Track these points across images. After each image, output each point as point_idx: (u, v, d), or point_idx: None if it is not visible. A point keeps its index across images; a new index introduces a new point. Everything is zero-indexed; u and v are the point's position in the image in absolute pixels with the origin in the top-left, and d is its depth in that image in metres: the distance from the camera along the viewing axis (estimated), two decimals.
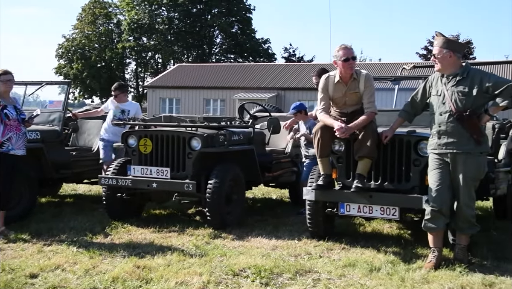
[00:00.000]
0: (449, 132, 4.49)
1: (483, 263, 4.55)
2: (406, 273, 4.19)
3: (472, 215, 4.53)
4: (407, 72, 7.68)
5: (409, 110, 4.92)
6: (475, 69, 4.61)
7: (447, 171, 4.52)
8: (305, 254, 4.85)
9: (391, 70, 31.47)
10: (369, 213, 4.96)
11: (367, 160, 4.88)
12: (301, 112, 6.86)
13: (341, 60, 4.96)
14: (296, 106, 6.90)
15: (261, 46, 57.11)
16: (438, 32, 4.60)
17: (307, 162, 6.74)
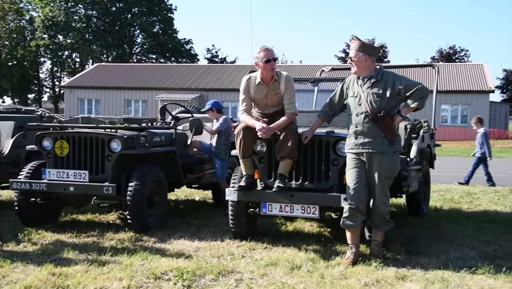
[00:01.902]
0: (365, 132, 4.66)
1: (397, 258, 4.76)
2: (325, 270, 4.31)
3: (387, 212, 4.73)
4: (326, 74, 7.91)
5: (328, 111, 5.06)
6: (389, 72, 4.81)
7: (363, 169, 4.69)
8: (228, 255, 4.85)
9: (311, 72, 32.28)
10: (290, 212, 5.04)
11: (288, 160, 4.97)
12: (213, 110, 7.03)
13: (262, 61, 5.02)
14: (209, 104, 7.07)
15: (184, 46, 56.64)
16: (354, 36, 4.76)
17: (217, 161, 6.88)
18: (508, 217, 6.82)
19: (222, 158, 6.96)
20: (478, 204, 8.04)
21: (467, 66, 37.66)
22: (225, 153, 6.97)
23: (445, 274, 4.21)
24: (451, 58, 52.83)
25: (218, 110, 7.08)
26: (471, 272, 4.26)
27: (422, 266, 4.47)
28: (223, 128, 6.94)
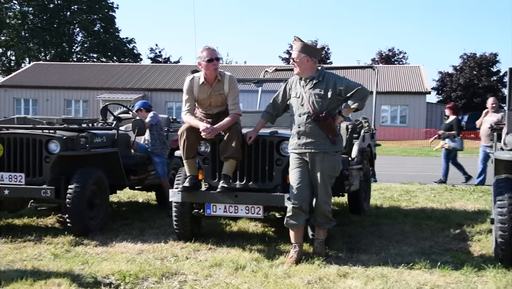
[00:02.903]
0: (307, 133, 4.73)
1: (339, 255, 4.86)
2: (269, 269, 4.33)
3: (329, 210, 4.82)
4: (270, 75, 7.96)
5: (271, 112, 5.10)
6: (330, 73, 4.90)
7: (306, 169, 4.75)
8: (172, 257, 4.80)
9: (255, 73, 32.42)
10: (234, 213, 5.05)
11: (232, 160, 4.97)
12: (141, 110, 7.16)
13: (205, 61, 5.00)
14: (138, 104, 7.27)
15: (126, 46, 55.53)
16: (296, 37, 4.82)
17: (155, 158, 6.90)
18: (444, 213, 7.11)
19: (159, 153, 6.97)
20: (415, 202, 8.33)
21: (405, 68, 39.00)
22: (161, 148, 7.01)
23: (384, 270, 4.33)
24: (390, 60, 54.49)
25: (146, 110, 7.19)
26: (409, 267, 4.41)
27: (363, 263, 4.59)
28: (154, 123, 6.98)
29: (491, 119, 10.54)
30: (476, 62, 50.50)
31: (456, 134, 10.90)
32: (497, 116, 10.49)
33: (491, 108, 10.73)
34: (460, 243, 5.42)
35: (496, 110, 10.68)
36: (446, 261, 4.62)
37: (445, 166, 11.13)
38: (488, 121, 10.59)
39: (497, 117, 10.46)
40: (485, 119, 10.74)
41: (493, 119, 10.51)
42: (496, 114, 10.55)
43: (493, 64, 50.79)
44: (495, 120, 10.43)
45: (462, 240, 5.56)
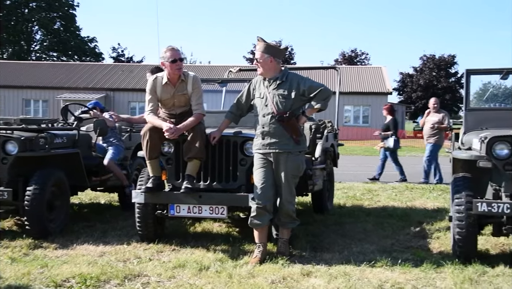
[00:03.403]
0: (271, 133, 4.75)
1: (303, 254, 4.90)
2: (233, 270, 4.33)
3: (293, 210, 4.85)
4: (234, 75, 7.95)
5: (235, 112, 5.10)
6: (293, 73, 4.93)
7: (270, 169, 4.77)
8: (135, 258, 4.74)
9: (220, 73, 32.37)
10: (198, 213, 5.02)
11: (196, 160, 4.94)
12: (96, 109, 7.16)
13: (168, 61, 4.96)
14: (91, 103, 7.27)
15: (87, 44, 54.53)
16: (259, 37, 4.83)
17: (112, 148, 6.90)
18: (404, 212, 7.25)
19: (115, 144, 6.95)
20: (377, 200, 8.47)
21: (368, 69, 39.65)
22: (118, 139, 7.05)
23: (347, 268, 4.39)
24: (352, 61, 55.34)
25: (101, 110, 7.22)
26: (371, 265, 4.48)
27: (326, 261, 4.63)
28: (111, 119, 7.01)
29: (433, 119, 10.88)
30: (435, 63, 51.84)
31: (392, 134, 11.19)
32: (438, 116, 10.84)
33: (432, 108, 11.05)
34: (420, 240, 5.55)
35: (438, 110, 11.00)
36: (406, 258, 4.72)
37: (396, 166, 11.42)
38: (430, 121, 10.92)
39: (438, 118, 10.81)
40: (427, 119, 11.07)
41: (434, 119, 10.86)
42: (438, 114, 10.89)
43: (452, 65, 52.28)
44: (436, 121, 10.81)
45: (422, 237, 5.68)
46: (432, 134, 10.88)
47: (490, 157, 4.32)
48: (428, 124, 10.96)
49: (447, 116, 10.99)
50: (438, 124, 10.76)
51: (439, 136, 10.88)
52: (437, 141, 10.87)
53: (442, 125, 10.78)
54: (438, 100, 11.33)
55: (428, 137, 10.94)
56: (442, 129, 10.84)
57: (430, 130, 10.91)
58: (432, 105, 11.09)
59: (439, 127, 10.78)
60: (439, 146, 10.97)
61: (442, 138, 11.00)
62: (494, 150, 4.32)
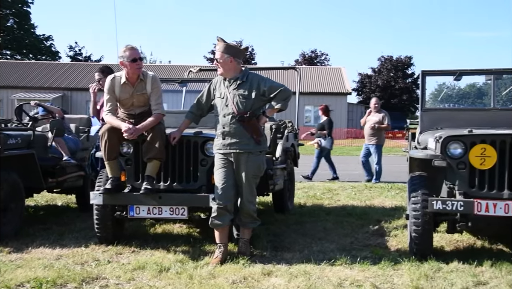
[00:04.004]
0: (232, 133, 4.74)
1: (263, 254, 4.91)
2: (194, 271, 4.31)
3: (254, 210, 4.86)
4: (194, 74, 7.91)
5: (195, 112, 5.07)
6: (254, 73, 4.94)
7: (231, 169, 4.77)
8: (93, 261, 4.65)
9: (180, 72, 32.13)
10: (158, 214, 4.97)
11: (156, 161, 4.89)
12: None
13: (128, 60, 4.88)
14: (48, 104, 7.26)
15: (43, 43, 53.09)
16: (219, 37, 4.82)
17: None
18: (363, 211, 7.37)
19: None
20: (337, 200, 8.58)
21: (327, 69, 40.19)
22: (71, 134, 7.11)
23: (307, 267, 4.43)
24: (313, 62, 55.88)
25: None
26: (331, 264, 4.54)
27: (287, 261, 4.66)
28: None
29: (374, 119, 11.16)
30: (392, 64, 52.95)
31: (327, 134, 11.42)
32: (378, 116, 11.12)
33: (373, 108, 11.32)
34: (379, 238, 5.65)
35: (379, 110, 11.28)
36: (365, 256, 4.80)
37: (315, 163, 11.63)
38: (371, 121, 11.19)
39: (378, 118, 11.09)
40: (368, 118, 11.33)
41: (375, 119, 11.14)
42: (378, 114, 11.17)
43: (408, 66, 53.50)
44: (376, 120, 11.08)
45: (380, 235, 5.79)
46: (372, 134, 11.15)
47: (445, 156, 4.44)
48: (368, 124, 11.22)
49: (387, 116, 11.29)
50: (378, 124, 11.03)
51: (379, 136, 11.15)
52: (378, 141, 11.16)
53: (382, 125, 11.06)
54: (378, 100, 11.64)
55: (369, 136, 11.20)
56: (382, 129, 11.13)
57: (370, 130, 11.17)
58: (373, 105, 11.37)
59: (379, 127, 11.06)
60: (381, 145, 11.26)
61: (383, 137, 11.33)
62: (448, 149, 4.45)
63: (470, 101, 28.61)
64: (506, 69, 6.10)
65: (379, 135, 11.15)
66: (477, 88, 29.76)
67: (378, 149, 11.13)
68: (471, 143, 4.38)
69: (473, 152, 4.36)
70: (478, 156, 4.35)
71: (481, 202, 4.23)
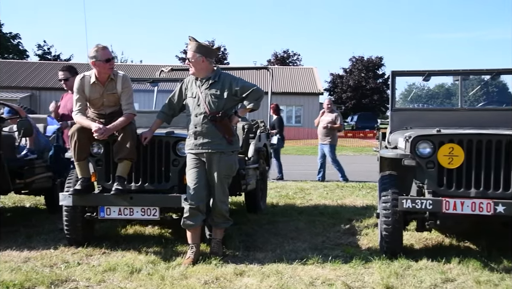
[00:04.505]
0: (204, 133, 4.73)
1: (236, 254, 4.91)
2: (166, 271, 4.28)
3: (226, 210, 4.86)
4: (166, 74, 7.85)
5: (167, 112, 5.04)
6: (226, 73, 4.94)
7: (203, 169, 4.75)
8: (62, 263, 4.57)
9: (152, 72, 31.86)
10: (130, 215, 4.92)
11: (127, 161, 4.84)
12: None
13: (102, 60, 4.82)
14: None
15: (10, 41, 51.90)
16: (191, 37, 4.80)
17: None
18: (335, 210, 7.43)
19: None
20: (309, 199, 8.64)
21: (299, 70, 40.37)
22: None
23: (279, 266, 4.44)
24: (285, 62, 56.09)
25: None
26: (303, 263, 4.57)
27: (259, 260, 4.67)
28: None
29: (327, 119, 11.32)
30: (363, 65, 53.57)
31: (276, 132, 11.54)
32: (331, 116, 11.28)
33: (326, 108, 11.49)
34: (350, 237, 5.71)
35: (331, 110, 11.44)
36: (337, 255, 4.84)
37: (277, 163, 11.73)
38: (324, 121, 11.35)
39: (331, 118, 11.25)
40: (321, 119, 11.49)
41: (328, 119, 11.30)
42: (331, 114, 11.34)
43: (379, 67, 54.19)
44: (329, 120, 11.25)
45: (351, 234, 5.85)
46: (326, 134, 11.30)
47: (414, 155, 4.51)
48: (322, 124, 11.36)
49: (340, 116, 11.47)
50: (331, 124, 11.19)
51: (332, 136, 11.31)
52: (331, 141, 11.32)
53: (335, 125, 11.22)
54: (331, 101, 11.84)
55: (323, 136, 11.33)
56: (334, 129, 11.29)
57: (323, 130, 11.32)
58: (326, 106, 11.53)
59: (332, 127, 11.22)
60: (334, 145, 11.40)
61: (336, 137, 11.49)
62: (417, 149, 4.52)
63: (439, 101, 29.07)
64: (473, 70, 6.23)
65: (332, 135, 11.32)
66: (446, 88, 30.30)
67: (332, 148, 11.29)
68: (439, 143, 4.46)
69: (441, 151, 4.44)
70: (446, 155, 4.43)
71: (449, 200, 4.31)
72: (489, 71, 6.07)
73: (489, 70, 6.07)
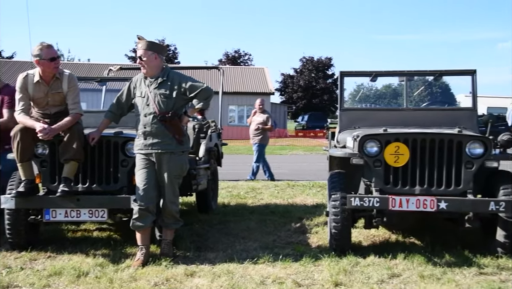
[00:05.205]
0: (153, 133, 4.67)
1: (187, 255, 4.87)
2: (114, 274, 4.20)
3: (177, 210, 4.81)
4: (114, 73, 7.71)
5: (115, 111, 4.94)
6: (175, 72, 4.89)
7: (153, 170, 4.69)
8: (4, 268, 4.40)
9: (100, 71, 31.18)
10: (77, 217, 4.79)
11: (74, 162, 4.72)
12: None
13: (46, 59, 4.67)
14: None
15: None
16: (139, 35, 4.72)
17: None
18: (286, 209, 7.50)
19: None
20: (261, 198, 8.67)
21: (250, 69, 40.49)
22: None
23: (230, 266, 4.45)
24: (236, 62, 56.17)
25: None
26: (253, 262, 4.58)
27: (210, 261, 4.66)
28: None
29: (258, 119, 11.46)
30: (314, 65, 54.36)
31: None
32: (263, 117, 11.44)
33: (258, 109, 11.60)
34: (300, 236, 5.77)
35: (263, 111, 11.59)
36: (287, 253, 4.89)
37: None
38: (255, 121, 11.50)
39: (262, 118, 11.41)
40: (253, 119, 11.61)
41: (259, 119, 11.45)
42: (262, 115, 11.49)
43: (329, 67, 55.11)
44: (261, 121, 11.41)
45: (302, 233, 5.92)
46: (256, 134, 11.43)
47: (362, 154, 4.61)
48: (253, 125, 11.47)
49: (271, 117, 11.61)
50: (262, 124, 11.33)
51: (263, 136, 11.45)
52: (262, 141, 11.43)
53: (266, 126, 11.36)
54: (263, 101, 11.92)
55: (254, 136, 11.46)
56: (265, 129, 11.43)
57: (255, 131, 11.44)
58: (257, 106, 11.62)
59: (263, 128, 11.35)
60: (264, 145, 11.54)
61: (267, 138, 11.61)
62: (365, 148, 4.62)
63: (386, 101, 29.86)
64: (417, 71, 6.43)
65: (263, 135, 11.43)
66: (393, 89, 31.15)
67: (260, 148, 11.39)
68: (386, 142, 4.58)
69: (388, 150, 4.56)
70: (392, 154, 4.55)
71: (395, 197, 4.43)
72: (432, 72, 6.28)
73: (432, 71, 6.27)
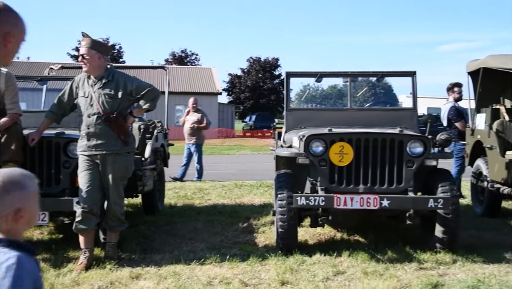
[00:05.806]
0: (97, 134, 4.57)
1: (132, 257, 4.80)
2: (56, 279, 4.08)
3: (121, 212, 4.73)
4: (56, 72, 7.48)
5: (57, 111, 4.80)
6: (120, 72, 4.80)
7: (97, 171, 4.59)
8: None
9: (40, 70, 30.17)
10: None
11: (12, 164, 4.53)
12: None
13: None
14: None
15: None
16: (85, 33, 4.61)
17: None
18: (233, 209, 7.51)
19: None
20: (208, 199, 8.64)
21: (197, 69, 40.30)
22: None
23: (177, 268, 4.41)
24: (183, 62, 55.73)
25: None
26: (200, 263, 4.57)
27: (156, 262, 4.60)
28: None
29: (192, 118, 11.49)
30: (261, 65, 54.71)
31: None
32: (197, 116, 11.47)
33: (191, 108, 11.59)
34: (247, 235, 5.79)
35: (197, 110, 11.61)
36: (234, 253, 4.89)
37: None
38: (190, 121, 11.51)
39: (197, 117, 11.46)
40: (187, 118, 11.59)
41: (194, 118, 11.49)
42: (197, 114, 11.49)
43: (276, 68, 55.61)
44: (195, 120, 11.46)
45: (249, 232, 5.94)
46: (192, 133, 11.39)
47: (308, 154, 4.68)
48: (188, 124, 11.46)
49: (206, 116, 11.60)
50: (197, 124, 11.32)
51: (198, 135, 11.44)
52: (198, 140, 11.41)
53: (201, 124, 11.38)
54: (197, 100, 11.84)
55: (189, 136, 11.41)
56: (201, 128, 11.43)
57: (190, 130, 11.43)
58: (191, 105, 11.55)
59: (198, 126, 11.35)
60: (201, 144, 11.56)
61: (202, 137, 11.60)
62: (311, 147, 4.70)
63: (332, 102, 30.40)
64: (361, 72, 6.59)
65: (198, 134, 11.37)
66: (338, 89, 31.80)
67: (198, 148, 11.35)
68: (330, 142, 4.67)
69: (333, 150, 4.65)
70: (337, 153, 4.65)
71: (340, 196, 4.53)
72: (375, 73, 6.45)
73: (374, 72, 6.44)
